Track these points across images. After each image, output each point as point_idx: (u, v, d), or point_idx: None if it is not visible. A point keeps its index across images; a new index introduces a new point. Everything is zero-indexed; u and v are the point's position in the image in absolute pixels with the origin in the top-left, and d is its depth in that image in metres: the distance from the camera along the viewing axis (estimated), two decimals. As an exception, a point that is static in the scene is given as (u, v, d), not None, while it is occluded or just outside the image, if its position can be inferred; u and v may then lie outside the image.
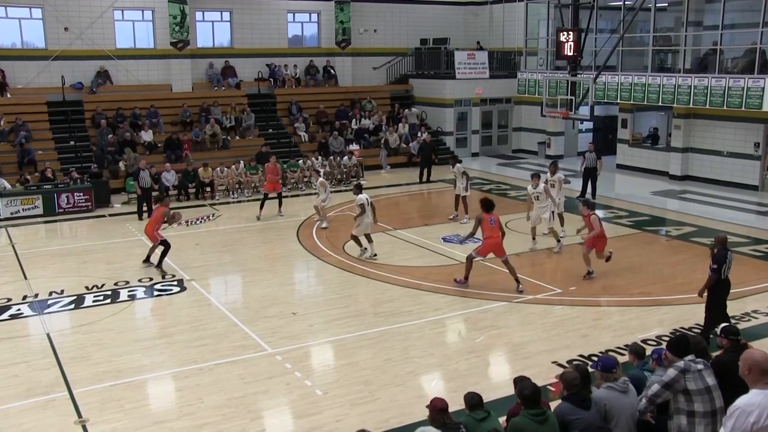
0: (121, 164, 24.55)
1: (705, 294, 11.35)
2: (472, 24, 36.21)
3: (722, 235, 11.69)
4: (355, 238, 16.68)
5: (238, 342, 11.84)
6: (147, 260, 16.15)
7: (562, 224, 18.20)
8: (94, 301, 13.90)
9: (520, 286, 14.18)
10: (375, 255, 16.61)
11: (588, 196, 22.88)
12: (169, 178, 23.41)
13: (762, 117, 22.82)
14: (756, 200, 22.82)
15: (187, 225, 20.05)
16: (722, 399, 6.51)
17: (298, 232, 19.27)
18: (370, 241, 16.72)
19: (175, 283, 14.99)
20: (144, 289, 14.65)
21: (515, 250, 16.99)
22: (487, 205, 14.40)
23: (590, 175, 22.89)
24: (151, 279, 15.22)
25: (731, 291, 11.48)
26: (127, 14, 29.11)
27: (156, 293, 14.45)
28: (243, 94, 30.25)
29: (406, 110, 31.91)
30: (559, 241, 17.04)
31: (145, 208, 21.10)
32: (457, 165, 20.55)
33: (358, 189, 16.94)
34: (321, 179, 20.61)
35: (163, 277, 15.26)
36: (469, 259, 14.46)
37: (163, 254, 15.82)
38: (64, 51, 27.74)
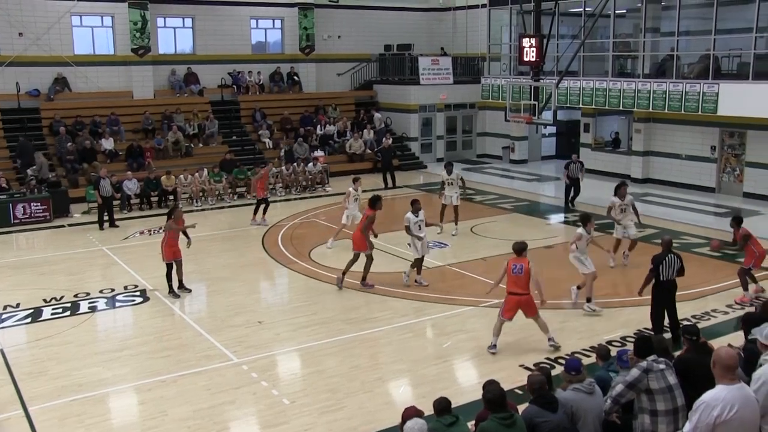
0: (29, 171, 23.43)
1: (647, 294, 11.82)
2: (436, 30, 36.38)
3: (667, 237, 12.11)
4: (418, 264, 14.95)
5: (203, 352, 11.73)
6: (180, 286, 14.86)
7: (630, 248, 16.46)
8: (52, 314, 13.65)
9: (342, 282, 14.84)
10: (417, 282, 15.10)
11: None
12: (131, 186, 23.14)
13: (717, 121, 23.35)
14: (713, 202, 23.29)
15: (150, 234, 19.84)
16: (683, 397, 6.64)
17: (264, 240, 19.16)
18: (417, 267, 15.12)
19: (138, 293, 14.82)
20: (105, 300, 14.44)
21: (480, 255, 17.12)
22: (373, 202, 14.97)
23: (575, 184, 22.75)
24: (112, 290, 15.02)
25: (691, 291, 11.70)
26: (86, 20, 28.75)
27: (118, 304, 14.26)
28: (206, 101, 30.04)
29: (375, 114, 31.98)
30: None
31: (106, 218, 20.83)
32: (455, 171, 19.55)
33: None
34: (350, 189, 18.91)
35: (176, 297, 14.48)
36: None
37: (167, 275, 14.71)
38: (19, 57, 27.27)
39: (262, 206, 20.93)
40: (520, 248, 11.55)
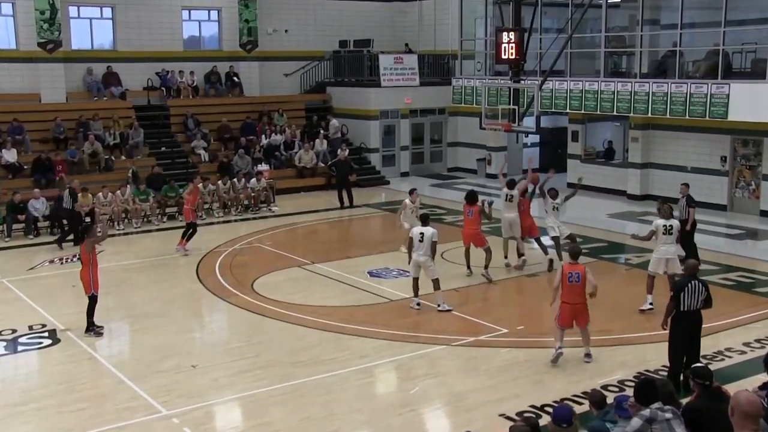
0: None
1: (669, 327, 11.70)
2: (399, 23, 36.59)
3: (692, 261, 12.08)
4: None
5: (125, 403, 11.56)
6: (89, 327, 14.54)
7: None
8: (-61, 361, 13.33)
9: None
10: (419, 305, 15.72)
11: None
12: (39, 206, 22.70)
13: (728, 127, 23.60)
14: (725, 222, 23.49)
15: (62, 263, 19.54)
16: (694, 452, 6.62)
17: (198, 269, 18.99)
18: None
19: (46, 334, 14.51)
20: (5, 343, 14.11)
21: (452, 285, 17.13)
22: (470, 197, 17.59)
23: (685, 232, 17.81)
24: (14, 331, 14.68)
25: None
26: (-20, 9, 28.43)
27: (21, 348, 13.96)
28: (129, 105, 29.82)
29: (331, 120, 32.01)
30: None
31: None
32: (561, 195, 18.72)
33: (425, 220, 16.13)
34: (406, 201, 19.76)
35: (98, 335, 14.34)
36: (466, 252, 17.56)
37: (90, 310, 14.54)
38: None
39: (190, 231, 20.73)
40: (577, 252, 12.87)
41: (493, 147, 32.08)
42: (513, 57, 22.32)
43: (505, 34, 22.46)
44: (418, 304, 15.60)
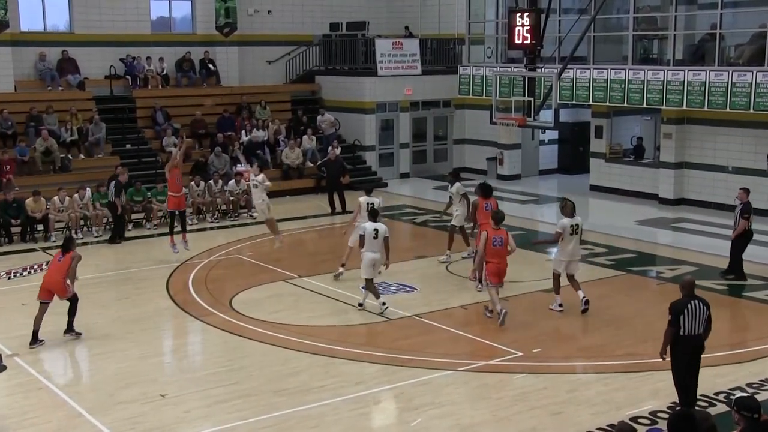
0: None
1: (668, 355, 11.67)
2: (399, 4, 36.64)
3: (689, 278, 12.11)
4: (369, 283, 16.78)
5: (83, 438, 11.51)
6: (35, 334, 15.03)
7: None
8: None
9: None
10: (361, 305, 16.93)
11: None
12: (-16, 212, 22.76)
13: (776, 121, 23.65)
14: (772, 229, 23.46)
15: (9, 278, 19.51)
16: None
17: (168, 284, 18.99)
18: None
19: (-8, 358, 14.50)
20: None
21: (459, 301, 17.18)
22: (486, 190, 18.29)
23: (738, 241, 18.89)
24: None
25: (745, 351, 11.72)
26: None
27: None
28: (89, 96, 29.82)
29: (319, 116, 32.00)
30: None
31: None
32: (456, 184, 20.23)
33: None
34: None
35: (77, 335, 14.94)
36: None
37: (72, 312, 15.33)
38: None
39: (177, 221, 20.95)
40: (501, 218, 15.70)
41: (506, 144, 32.12)
42: (528, 42, 22.38)
43: (519, 15, 22.53)
44: (384, 304, 16.54)
